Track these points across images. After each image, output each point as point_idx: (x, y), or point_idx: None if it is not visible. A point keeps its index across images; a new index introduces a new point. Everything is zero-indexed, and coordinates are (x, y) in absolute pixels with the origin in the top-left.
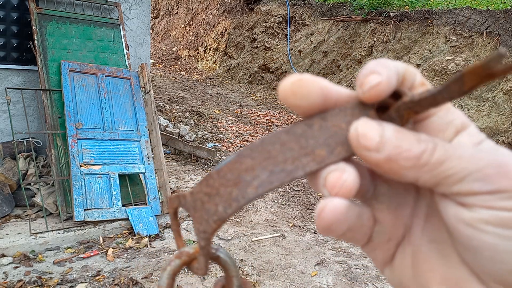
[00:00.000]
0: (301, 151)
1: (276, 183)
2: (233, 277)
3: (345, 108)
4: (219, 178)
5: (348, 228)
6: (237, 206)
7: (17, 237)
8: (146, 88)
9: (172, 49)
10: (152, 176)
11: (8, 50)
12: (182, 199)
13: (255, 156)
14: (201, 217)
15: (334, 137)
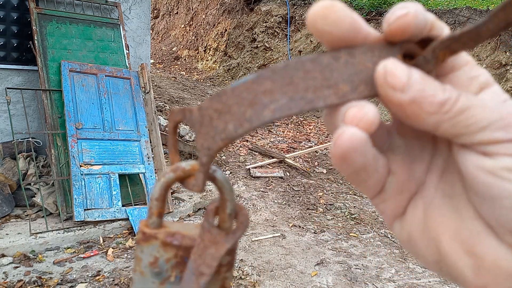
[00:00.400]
0: (324, 82)
1: (295, 109)
2: (227, 200)
3: (372, 47)
4: (234, 96)
5: (363, 165)
6: (249, 127)
7: (17, 237)
8: (146, 88)
9: (172, 49)
10: (152, 176)
11: (8, 50)
12: (188, 113)
13: (276, 79)
14: (207, 134)
15: (359, 75)
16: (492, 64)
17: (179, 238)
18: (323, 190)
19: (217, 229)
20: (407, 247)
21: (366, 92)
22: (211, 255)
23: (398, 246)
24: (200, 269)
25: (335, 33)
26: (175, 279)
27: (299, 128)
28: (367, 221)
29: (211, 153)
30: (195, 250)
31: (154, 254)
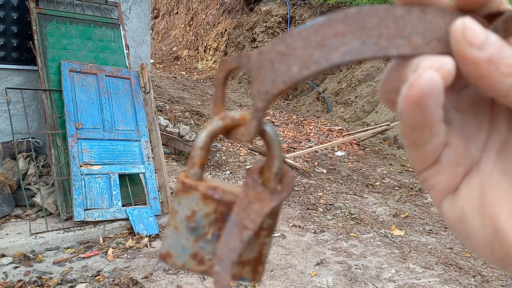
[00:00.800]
0: (397, 33)
1: (367, 54)
2: (275, 158)
3: (444, 10)
4: (300, 38)
5: (432, 117)
6: (316, 69)
7: (17, 237)
8: (146, 88)
9: (172, 49)
10: (152, 176)
11: (8, 50)
12: (245, 59)
13: (349, 23)
14: (265, 78)
15: (431, 31)
16: None
17: (221, 192)
18: (323, 190)
19: (262, 187)
20: (457, 226)
21: (439, 48)
22: (255, 211)
23: (398, 246)
24: (244, 222)
25: None
26: (212, 236)
27: (299, 128)
28: (367, 221)
29: (268, 97)
30: (239, 204)
31: (192, 207)
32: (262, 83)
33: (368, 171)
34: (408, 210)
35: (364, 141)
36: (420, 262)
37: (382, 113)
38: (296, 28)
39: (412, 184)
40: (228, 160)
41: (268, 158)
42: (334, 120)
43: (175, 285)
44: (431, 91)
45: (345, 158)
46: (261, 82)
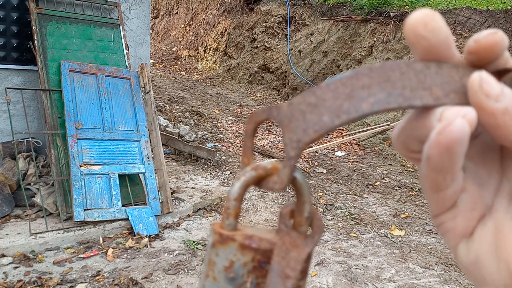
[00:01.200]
0: (419, 85)
1: (394, 104)
2: (305, 202)
3: (458, 66)
4: (329, 90)
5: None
6: (346, 119)
7: (17, 237)
8: (146, 88)
9: (172, 49)
10: (152, 176)
11: (8, 50)
12: (275, 110)
13: (374, 76)
14: (297, 127)
15: (449, 84)
16: None
17: (257, 240)
18: (323, 190)
19: (296, 232)
20: (472, 271)
21: (457, 99)
22: (294, 258)
23: (398, 246)
24: (285, 271)
25: (431, 41)
26: (251, 285)
27: None
28: (367, 221)
29: (300, 145)
30: (278, 252)
31: (230, 258)
32: (294, 132)
33: (368, 171)
34: (408, 210)
35: (364, 141)
36: (420, 262)
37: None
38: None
39: (412, 184)
40: (228, 160)
41: (299, 203)
42: None
43: (175, 285)
44: (461, 137)
45: (345, 158)
46: (293, 131)
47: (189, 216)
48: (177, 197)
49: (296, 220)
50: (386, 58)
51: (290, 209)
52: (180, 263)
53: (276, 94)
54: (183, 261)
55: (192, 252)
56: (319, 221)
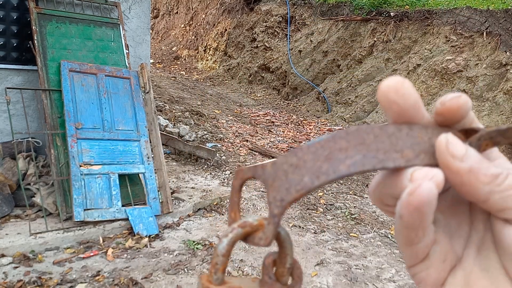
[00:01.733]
0: (391, 147)
1: (368, 166)
2: (287, 255)
3: (427, 126)
4: (309, 152)
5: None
6: (325, 180)
7: (16, 237)
8: (146, 88)
9: (172, 49)
10: (152, 176)
11: (8, 50)
12: (260, 169)
13: (350, 139)
14: (280, 186)
15: (419, 145)
16: (492, 64)
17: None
18: (323, 190)
19: (278, 284)
20: None
21: (426, 160)
22: None
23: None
24: None
25: (402, 105)
26: None
27: (299, 128)
28: (367, 221)
29: (283, 204)
30: None
31: None
32: (278, 191)
33: None
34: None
35: None
36: None
37: (382, 113)
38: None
39: None
40: (228, 160)
41: (282, 255)
42: (334, 120)
43: (174, 285)
44: (429, 199)
45: None
46: (277, 190)
47: (189, 216)
48: (177, 197)
49: (278, 270)
50: (386, 58)
51: (273, 259)
52: (180, 263)
53: (276, 94)
54: (183, 261)
55: (192, 252)
56: (299, 270)
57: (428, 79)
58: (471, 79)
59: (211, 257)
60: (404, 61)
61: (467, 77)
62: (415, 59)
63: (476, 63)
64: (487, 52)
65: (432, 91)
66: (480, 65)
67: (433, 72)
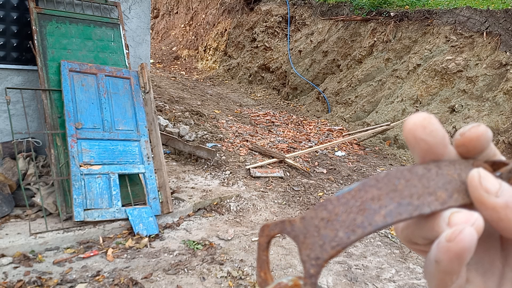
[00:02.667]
0: (424, 190)
1: (405, 215)
2: None
3: (454, 162)
4: (340, 204)
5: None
6: (362, 233)
7: (16, 237)
8: (146, 88)
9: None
10: (152, 176)
11: (8, 50)
12: (288, 225)
13: (381, 187)
14: (313, 243)
15: (450, 184)
16: (492, 64)
17: None
18: (323, 190)
19: None
20: None
21: (460, 199)
22: None
23: (399, 246)
24: None
25: (430, 142)
26: None
27: (299, 128)
28: None
29: (319, 262)
30: None
31: None
32: (311, 249)
33: (368, 171)
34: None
35: (364, 141)
36: (420, 262)
37: (382, 113)
38: (335, 193)
39: None
40: (228, 160)
41: None
42: (334, 120)
43: (174, 285)
44: (470, 245)
45: (345, 158)
46: (310, 248)
47: (189, 216)
48: (177, 197)
49: None
50: (386, 58)
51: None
52: (180, 263)
53: (276, 94)
54: (183, 261)
55: (192, 252)
56: None
57: (428, 79)
58: (471, 79)
59: (211, 257)
60: (404, 61)
61: (467, 77)
62: (415, 59)
63: (476, 63)
64: (487, 52)
65: (432, 91)
66: (480, 65)
67: (433, 72)
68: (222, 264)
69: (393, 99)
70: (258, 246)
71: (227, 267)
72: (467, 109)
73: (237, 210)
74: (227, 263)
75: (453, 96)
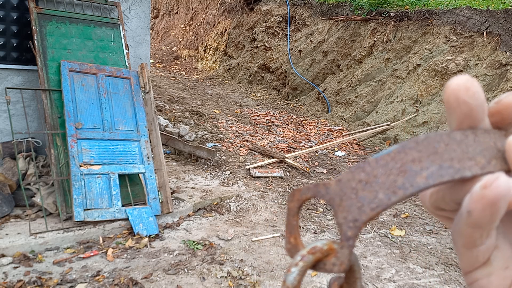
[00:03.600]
0: (464, 155)
1: (447, 177)
2: (357, 279)
3: (488, 130)
4: (379, 166)
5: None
6: (403, 195)
7: (16, 237)
8: (146, 88)
9: (172, 49)
10: (151, 176)
11: (8, 50)
12: (323, 188)
13: (421, 149)
14: (351, 205)
15: (488, 151)
16: (492, 64)
17: None
18: None
19: None
20: None
21: (499, 165)
22: None
23: (399, 246)
24: None
25: (471, 105)
26: None
27: (299, 128)
28: None
29: (357, 224)
30: None
31: None
32: (349, 211)
33: None
34: (408, 210)
35: (364, 141)
36: (420, 262)
37: (382, 113)
38: (372, 156)
39: None
40: (228, 160)
41: (351, 279)
42: (334, 120)
43: (174, 285)
44: (506, 192)
45: (345, 158)
46: (347, 210)
47: (189, 216)
48: (177, 197)
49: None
50: (386, 58)
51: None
52: (180, 263)
53: (276, 94)
54: (183, 261)
55: (192, 252)
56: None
57: (428, 79)
58: None
59: (211, 257)
60: (404, 61)
61: None
62: (415, 59)
63: (476, 63)
64: (487, 52)
65: (432, 91)
66: (480, 65)
67: (433, 72)
68: (222, 264)
69: (393, 99)
70: (287, 211)
71: (227, 267)
72: None
73: (237, 210)
74: (227, 263)
75: None
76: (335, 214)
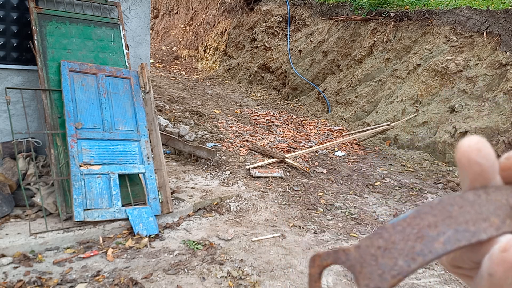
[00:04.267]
0: (478, 216)
1: (464, 241)
2: None
3: (499, 187)
4: (396, 232)
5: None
6: (422, 261)
7: (16, 237)
8: (146, 88)
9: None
10: (151, 176)
11: (8, 50)
12: (342, 254)
13: (436, 213)
14: (372, 273)
15: (501, 209)
16: (492, 64)
17: None
18: (323, 190)
19: None
20: None
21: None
22: None
23: None
24: None
25: (483, 165)
26: None
27: (299, 128)
28: (367, 221)
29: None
30: None
31: None
32: (370, 279)
33: (368, 171)
34: (408, 210)
35: (364, 141)
36: None
37: (382, 113)
38: (389, 222)
39: (412, 184)
40: (228, 160)
41: None
42: (334, 120)
43: (175, 285)
44: None
45: (345, 158)
46: (369, 278)
47: (189, 216)
48: (177, 197)
49: None
50: (386, 58)
51: None
52: (180, 263)
53: (276, 94)
54: (183, 261)
55: (192, 252)
56: None
57: (428, 79)
58: (471, 79)
59: (211, 257)
60: (404, 61)
61: (467, 77)
62: (415, 59)
63: (476, 63)
64: (487, 52)
65: (432, 91)
66: (480, 65)
67: (433, 72)
68: (222, 264)
69: (393, 99)
70: (309, 277)
71: (227, 267)
72: (467, 109)
73: (237, 210)
74: (227, 263)
75: (453, 96)
76: (356, 281)
